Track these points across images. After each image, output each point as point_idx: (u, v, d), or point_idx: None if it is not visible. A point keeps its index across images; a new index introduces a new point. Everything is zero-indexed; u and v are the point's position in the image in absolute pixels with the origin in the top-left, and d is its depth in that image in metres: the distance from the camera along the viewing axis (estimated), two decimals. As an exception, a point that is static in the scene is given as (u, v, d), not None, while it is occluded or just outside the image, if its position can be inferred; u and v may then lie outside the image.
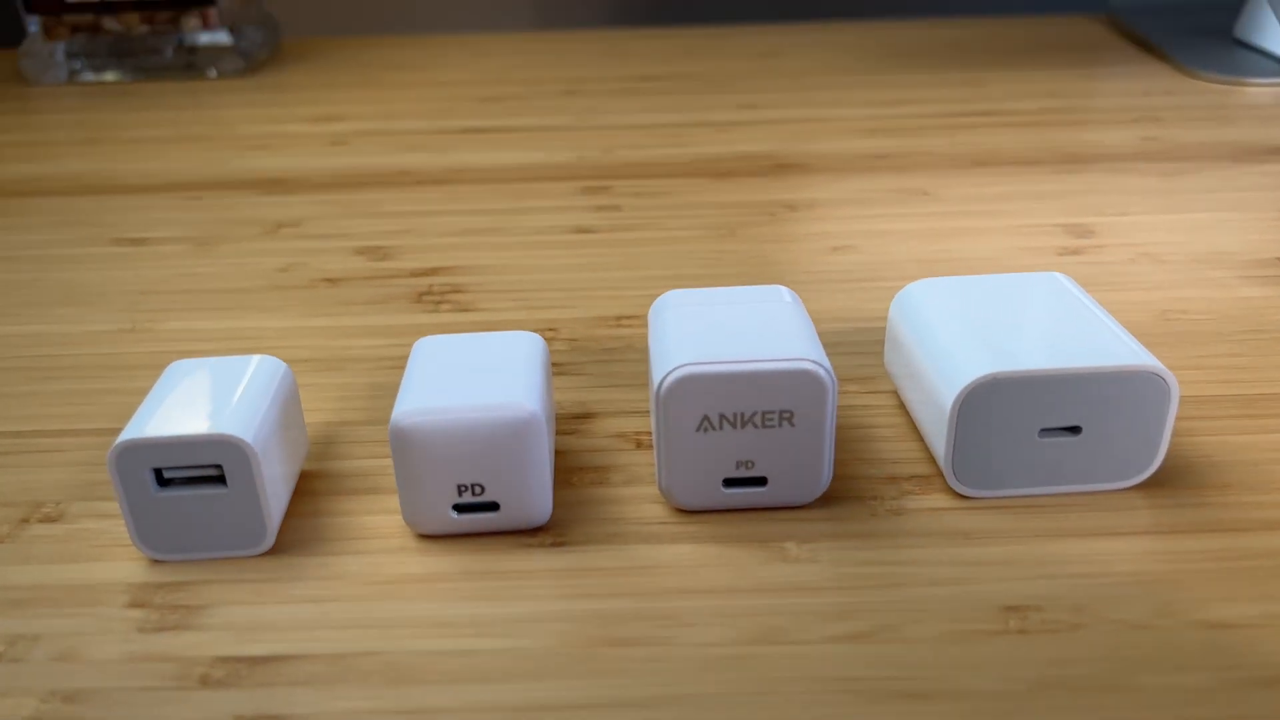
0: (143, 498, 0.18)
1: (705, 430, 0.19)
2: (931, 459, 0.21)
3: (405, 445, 0.18)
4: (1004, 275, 0.22)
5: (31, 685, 0.16)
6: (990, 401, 0.19)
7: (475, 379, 0.19)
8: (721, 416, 0.18)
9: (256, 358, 0.20)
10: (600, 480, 0.21)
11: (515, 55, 0.56)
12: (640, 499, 0.20)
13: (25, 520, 0.20)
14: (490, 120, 0.45)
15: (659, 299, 0.21)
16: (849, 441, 0.22)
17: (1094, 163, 0.37)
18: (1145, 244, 0.30)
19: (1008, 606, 0.17)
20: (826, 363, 0.18)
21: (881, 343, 0.25)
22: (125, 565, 0.19)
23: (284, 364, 0.20)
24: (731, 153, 0.39)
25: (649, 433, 0.22)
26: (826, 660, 0.16)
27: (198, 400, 0.19)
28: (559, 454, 0.22)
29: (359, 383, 0.24)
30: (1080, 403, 0.19)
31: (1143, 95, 0.45)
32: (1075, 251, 0.30)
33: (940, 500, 0.20)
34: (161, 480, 0.18)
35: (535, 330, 0.26)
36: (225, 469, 0.18)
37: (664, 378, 0.18)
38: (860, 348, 0.25)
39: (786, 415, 0.19)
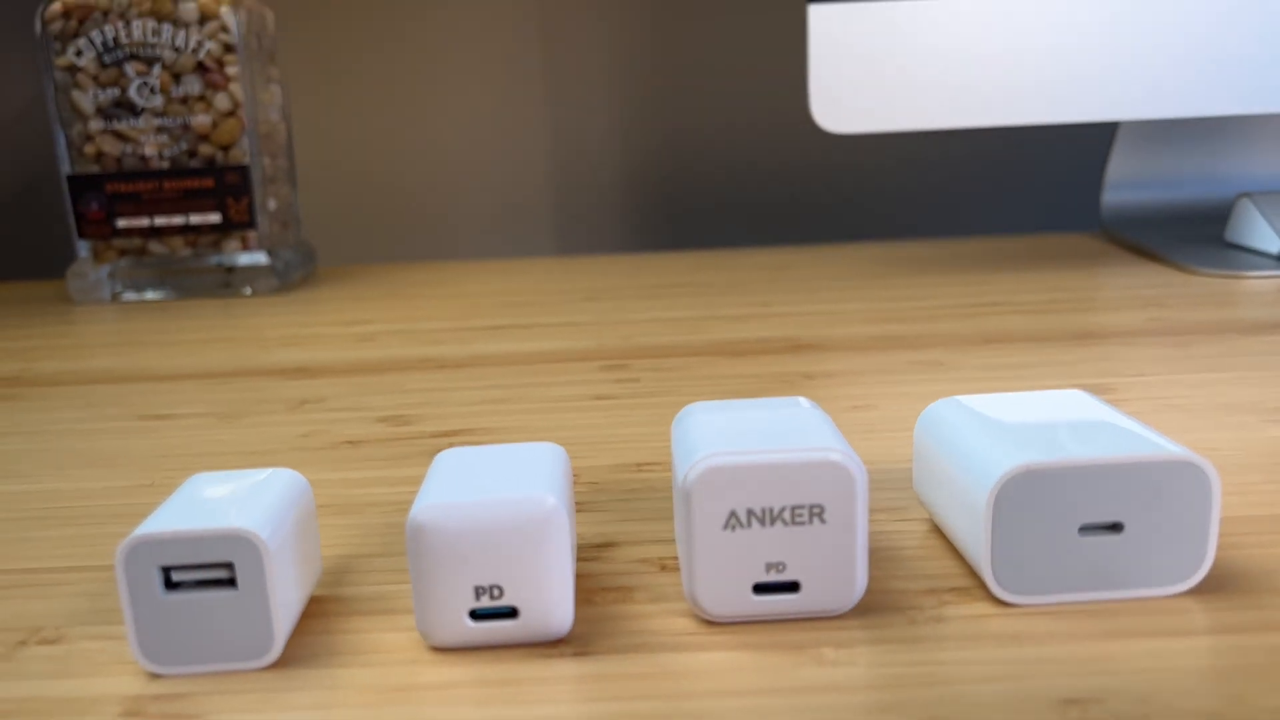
0: (149, 602, 0.17)
1: (733, 528, 0.18)
2: (970, 573, 0.20)
3: (422, 540, 0.17)
4: (1028, 392, 0.22)
5: (9, 789, 0.15)
6: (1026, 495, 0.18)
7: (495, 479, 0.18)
8: (750, 513, 0.18)
9: (276, 470, 0.20)
10: (624, 599, 0.20)
11: (538, 275, 0.58)
12: (667, 614, 0.19)
13: (23, 643, 0.19)
14: (512, 320, 0.46)
15: (681, 410, 0.21)
16: (882, 562, 0.21)
17: (1105, 338, 0.38)
18: (1167, 397, 0.30)
19: (1067, 700, 0.16)
20: (855, 455, 0.18)
21: (907, 480, 0.25)
22: (123, 679, 0.18)
23: (303, 478, 0.20)
24: (748, 338, 0.40)
25: (674, 558, 0.21)
26: (874, 752, 0.15)
27: (213, 502, 0.18)
28: (580, 577, 0.21)
29: (376, 523, 0.24)
30: (1120, 497, 0.18)
31: (1145, 288, 0.46)
32: (1096, 405, 0.30)
33: (983, 608, 0.19)
34: (169, 584, 0.18)
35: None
36: (236, 568, 0.17)
37: (689, 469, 0.18)
38: (887, 484, 0.25)
39: (817, 511, 0.18)
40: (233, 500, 0.18)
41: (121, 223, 0.56)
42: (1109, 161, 0.60)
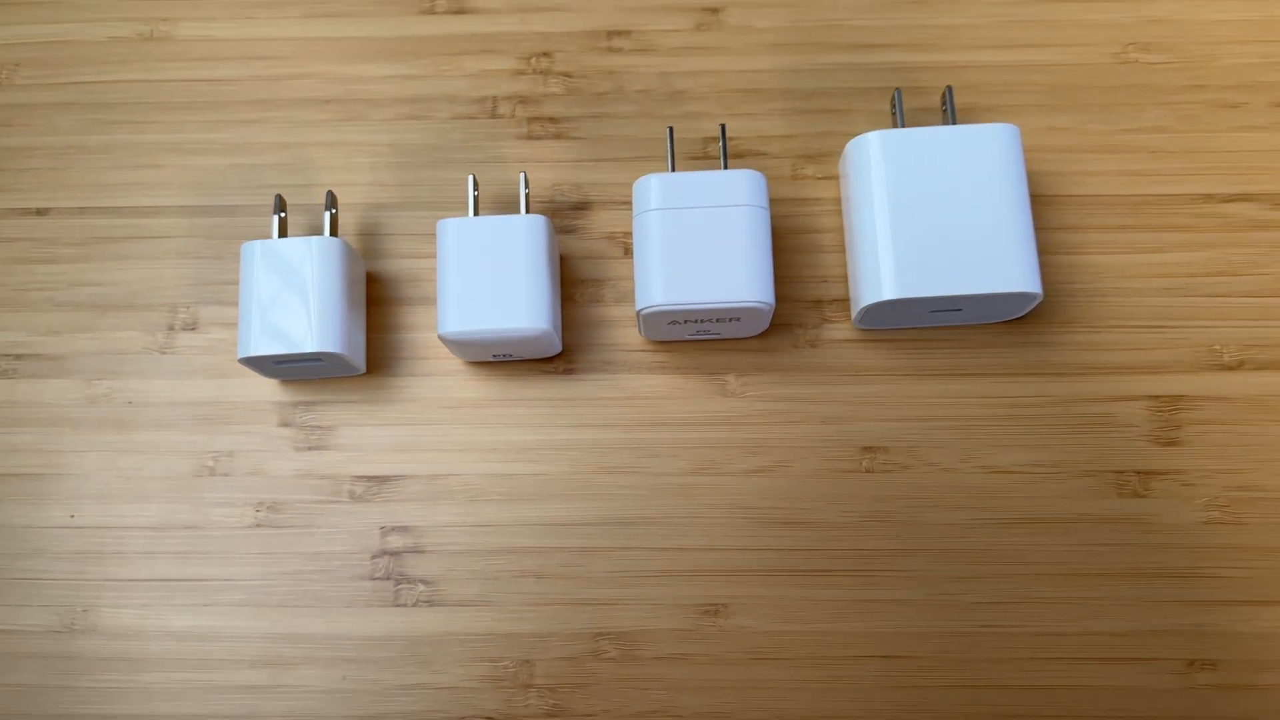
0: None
1: (676, 325, 0.25)
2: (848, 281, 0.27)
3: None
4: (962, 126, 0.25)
5: (243, 498, 0.26)
6: (889, 307, 0.24)
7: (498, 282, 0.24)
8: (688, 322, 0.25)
9: (318, 240, 0.25)
10: (596, 298, 0.27)
11: None
12: (626, 321, 0.27)
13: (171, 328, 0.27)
14: None
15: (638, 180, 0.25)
16: (792, 253, 0.27)
17: None
18: None
19: (865, 447, 0.26)
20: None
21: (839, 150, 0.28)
22: (263, 385, 0.27)
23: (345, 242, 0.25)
24: None
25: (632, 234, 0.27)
26: (738, 491, 0.26)
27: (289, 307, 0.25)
28: (564, 259, 0.27)
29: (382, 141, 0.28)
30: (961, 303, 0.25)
31: None
32: None
33: (845, 332, 0.26)
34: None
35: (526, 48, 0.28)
36: (327, 362, 0.25)
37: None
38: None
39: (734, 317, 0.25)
40: (303, 306, 0.24)
41: None
42: None
